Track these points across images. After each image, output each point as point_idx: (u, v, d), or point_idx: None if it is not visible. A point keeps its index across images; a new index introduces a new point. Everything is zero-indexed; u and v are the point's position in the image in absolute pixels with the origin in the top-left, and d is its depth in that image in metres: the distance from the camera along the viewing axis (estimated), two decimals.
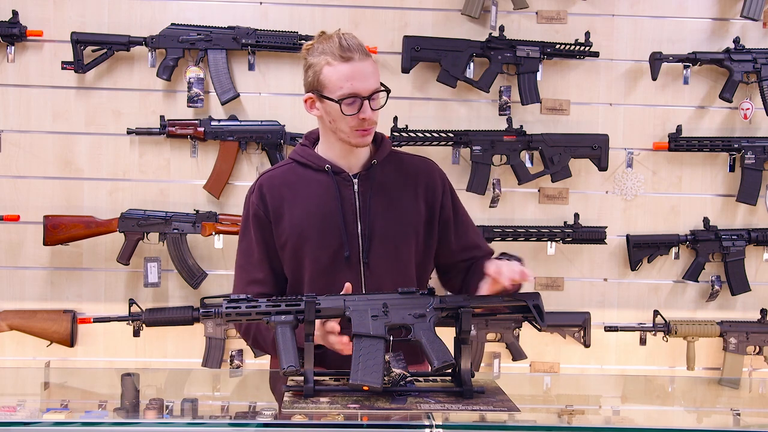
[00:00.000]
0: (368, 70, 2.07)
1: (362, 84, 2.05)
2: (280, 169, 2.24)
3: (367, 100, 2.06)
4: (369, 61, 2.08)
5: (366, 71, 2.06)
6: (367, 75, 2.06)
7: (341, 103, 2.06)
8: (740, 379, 3.36)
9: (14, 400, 2.17)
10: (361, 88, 2.05)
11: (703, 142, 3.46)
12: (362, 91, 2.06)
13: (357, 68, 2.05)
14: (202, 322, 3.38)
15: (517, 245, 3.47)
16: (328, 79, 2.06)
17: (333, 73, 2.06)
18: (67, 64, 3.31)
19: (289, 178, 2.19)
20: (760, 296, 3.55)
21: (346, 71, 2.05)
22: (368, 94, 2.06)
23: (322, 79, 2.07)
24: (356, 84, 2.05)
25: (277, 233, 2.18)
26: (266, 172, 2.25)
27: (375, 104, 2.09)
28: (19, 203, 3.39)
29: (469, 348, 2.00)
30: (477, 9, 3.38)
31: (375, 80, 2.08)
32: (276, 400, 2.00)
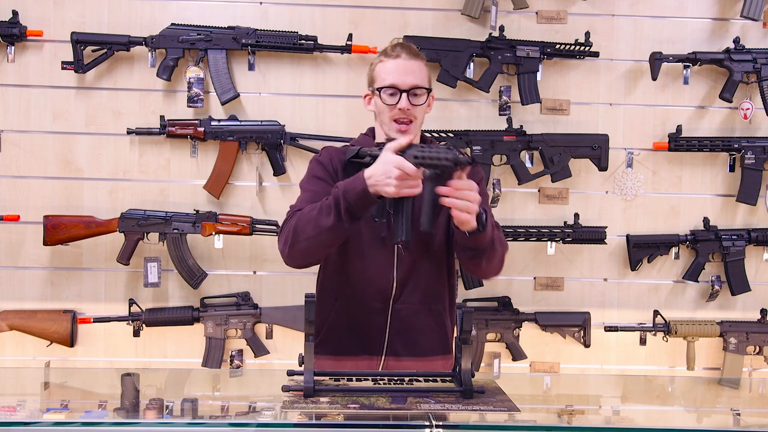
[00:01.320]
0: (411, 67, 2.29)
1: (402, 78, 2.27)
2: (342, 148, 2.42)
3: (406, 93, 2.26)
4: (416, 62, 2.30)
5: (408, 68, 2.28)
6: (408, 71, 2.28)
7: (381, 91, 2.28)
8: (740, 379, 3.36)
9: (14, 400, 2.17)
10: (400, 81, 2.27)
11: (703, 142, 3.46)
12: (401, 84, 2.27)
13: (400, 64, 2.28)
14: (202, 321, 3.38)
15: (517, 245, 3.47)
16: (378, 73, 2.32)
17: (381, 67, 2.31)
18: (67, 64, 3.31)
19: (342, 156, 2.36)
20: (760, 296, 3.55)
21: (391, 66, 2.29)
22: (407, 87, 2.27)
23: (374, 73, 2.34)
24: (397, 77, 2.27)
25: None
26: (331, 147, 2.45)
27: (414, 100, 2.28)
28: (19, 203, 3.39)
29: (469, 348, 2.00)
30: (477, 9, 3.38)
31: (416, 77, 2.28)
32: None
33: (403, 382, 2.07)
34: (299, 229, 2.16)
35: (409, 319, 2.32)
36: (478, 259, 2.22)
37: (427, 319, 2.35)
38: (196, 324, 3.40)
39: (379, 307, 2.31)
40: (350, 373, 2.12)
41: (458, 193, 2.05)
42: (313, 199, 2.22)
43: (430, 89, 2.33)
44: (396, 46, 2.32)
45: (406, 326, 2.32)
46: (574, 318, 3.48)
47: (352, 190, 2.10)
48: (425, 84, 2.31)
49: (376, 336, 2.32)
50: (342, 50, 3.36)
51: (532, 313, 3.47)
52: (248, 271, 3.46)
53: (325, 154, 2.39)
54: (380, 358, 2.32)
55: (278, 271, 3.44)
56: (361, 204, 2.10)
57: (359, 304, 2.31)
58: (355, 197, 2.09)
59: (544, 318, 3.47)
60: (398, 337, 2.32)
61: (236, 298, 3.42)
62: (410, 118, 2.28)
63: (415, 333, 2.33)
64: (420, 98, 2.29)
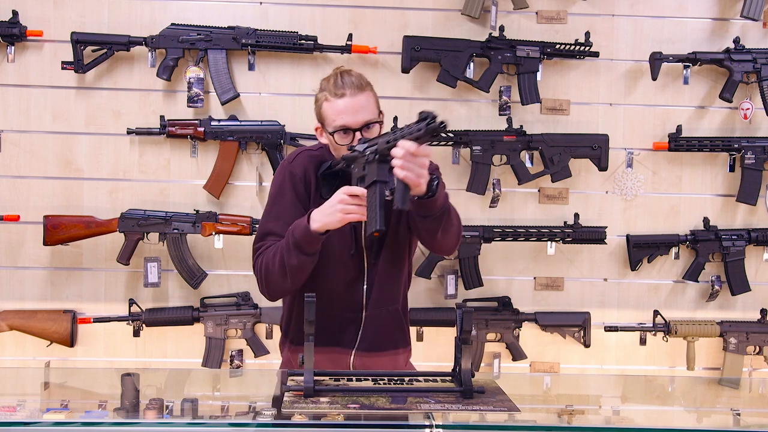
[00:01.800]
0: (359, 104, 2.28)
1: (352, 117, 2.27)
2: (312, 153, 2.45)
3: (359, 131, 2.27)
4: (362, 95, 2.29)
5: (357, 105, 2.27)
6: (358, 109, 2.28)
7: (334, 134, 2.29)
8: (740, 379, 3.36)
9: (14, 400, 2.17)
10: (351, 122, 2.27)
11: (703, 142, 3.46)
12: (352, 124, 2.27)
13: (348, 103, 2.27)
14: (202, 321, 3.38)
15: (517, 245, 3.48)
16: (326, 114, 2.32)
17: (328, 107, 2.31)
18: (67, 64, 3.31)
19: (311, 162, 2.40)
20: (760, 296, 3.55)
21: (339, 106, 2.28)
22: (359, 126, 2.27)
23: (322, 113, 2.34)
24: (347, 118, 2.27)
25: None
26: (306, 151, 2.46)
27: (367, 133, 2.28)
28: (19, 203, 3.39)
29: (469, 348, 2.00)
30: (477, 9, 3.38)
31: (367, 112, 2.29)
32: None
33: (403, 382, 2.07)
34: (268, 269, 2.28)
35: (378, 322, 2.40)
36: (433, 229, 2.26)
37: (392, 319, 2.43)
38: (196, 324, 3.40)
39: (351, 317, 2.39)
40: (350, 373, 2.13)
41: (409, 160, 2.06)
42: (278, 221, 2.33)
43: (380, 120, 2.33)
44: (336, 84, 2.28)
45: (375, 329, 2.40)
46: (574, 318, 3.48)
47: (298, 228, 2.22)
48: (375, 115, 2.31)
49: (348, 339, 2.40)
50: (342, 50, 3.36)
51: (532, 313, 3.47)
52: (248, 271, 3.46)
53: (299, 164, 2.40)
54: (351, 352, 2.40)
55: None
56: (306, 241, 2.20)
57: (332, 314, 2.34)
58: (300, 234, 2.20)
59: (544, 318, 3.47)
60: (368, 338, 2.40)
61: (236, 298, 3.42)
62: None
63: (382, 333, 2.42)
64: (372, 131, 2.30)
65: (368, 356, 2.40)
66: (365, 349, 2.40)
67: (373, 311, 2.39)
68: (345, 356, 2.40)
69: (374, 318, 2.39)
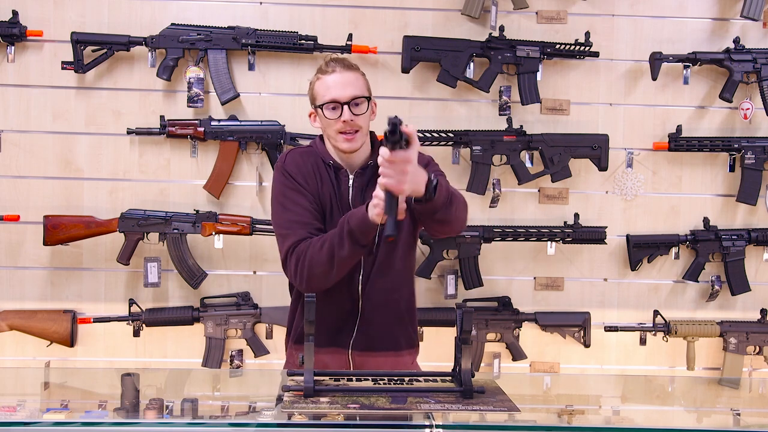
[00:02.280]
0: (348, 80, 2.35)
1: (341, 91, 2.34)
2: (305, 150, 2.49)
3: (347, 105, 2.32)
4: (351, 73, 2.37)
5: (345, 81, 2.35)
6: (346, 84, 2.35)
7: (323, 108, 2.35)
8: (740, 379, 3.36)
9: (14, 400, 2.17)
10: (339, 95, 2.34)
11: (703, 142, 3.46)
12: (341, 97, 2.33)
13: (337, 78, 2.35)
14: (202, 321, 3.38)
15: (517, 245, 3.48)
16: (317, 91, 2.39)
17: (320, 84, 2.38)
18: (67, 64, 3.31)
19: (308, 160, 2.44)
20: (760, 296, 3.55)
21: (328, 81, 2.36)
22: (347, 99, 2.33)
23: (314, 92, 2.40)
24: (335, 91, 2.34)
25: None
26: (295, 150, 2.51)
27: (356, 110, 2.34)
28: (19, 203, 3.39)
29: (469, 348, 2.00)
30: (477, 9, 3.38)
31: (355, 88, 2.35)
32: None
33: (403, 382, 2.07)
34: (313, 262, 2.27)
35: (376, 317, 2.40)
36: (443, 220, 2.28)
37: (393, 315, 2.43)
38: (196, 324, 3.40)
39: (348, 308, 2.39)
40: (350, 373, 2.13)
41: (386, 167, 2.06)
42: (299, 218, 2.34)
43: (369, 97, 2.39)
44: (330, 62, 2.39)
45: (373, 324, 2.40)
46: (574, 318, 3.48)
47: (355, 218, 2.21)
48: (364, 93, 2.37)
49: (344, 335, 2.40)
50: (342, 50, 3.36)
51: (532, 313, 3.48)
52: (248, 271, 3.46)
53: (292, 162, 2.42)
54: (347, 351, 2.40)
55: (278, 271, 3.39)
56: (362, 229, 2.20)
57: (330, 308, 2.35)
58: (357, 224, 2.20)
59: (544, 318, 3.47)
60: (365, 335, 2.40)
61: (236, 298, 3.42)
62: (354, 128, 2.35)
63: (382, 330, 2.41)
64: (361, 107, 2.35)
65: (366, 355, 2.39)
66: (363, 348, 2.39)
67: (370, 303, 2.38)
68: (343, 356, 2.40)
69: (372, 312, 2.38)
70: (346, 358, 2.40)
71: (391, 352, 2.43)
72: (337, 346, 2.40)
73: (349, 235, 2.20)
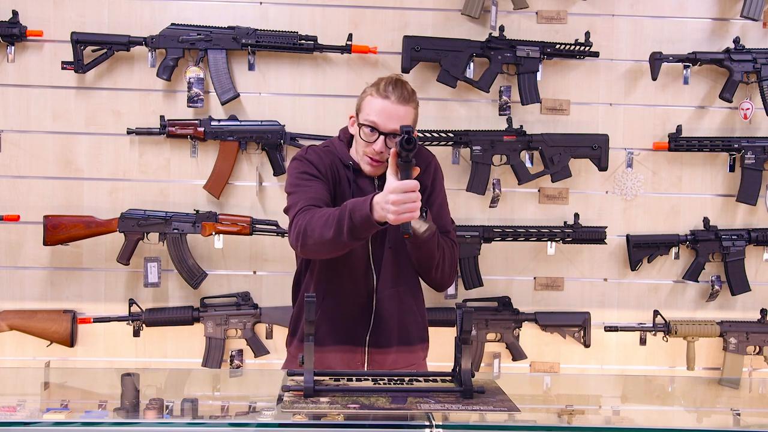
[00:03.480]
0: (397, 113, 2.31)
1: (384, 121, 2.31)
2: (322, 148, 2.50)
3: (385, 136, 2.31)
4: (403, 107, 2.32)
5: (394, 113, 2.30)
6: (393, 116, 2.30)
7: (362, 127, 2.34)
8: (740, 379, 3.36)
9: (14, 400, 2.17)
10: (381, 124, 2.31)
11: (703, 142, 3.46)
12: (381, 126, 2.31)
13: (388, 107, 2.31)
14: (202, 321, 3.38)
15: (517, 245, 3.47)
16: (364, 106, 2.37)
17: (369, 102, 2.35)
18: (67, 64, 3.31)
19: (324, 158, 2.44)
20: (760, 296, 3.55)
21: (378, 106, 2.32)
22: (386, 131, 2.31)
23: (362, 104, 2.38)
24: (381, 119, 2.31)
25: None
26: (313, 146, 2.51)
27: (391, 143, 2.31)
28: (19, 203, 3.39)
29: (469, 348, 2.00)
30: (477, 9, 3.38)
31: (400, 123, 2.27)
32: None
33: (403, 382, 2.07)
34: (308, 232, 2.24)
35: (391, 309, 2.42)
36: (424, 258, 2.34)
37: (408, 309, 2.45)
38: (196, 324, 3.40)
39: (364, 302, 2.41)
40: (350, 373, 2.13)
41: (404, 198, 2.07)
42: (313, 193, 2.32)
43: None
44: (389, 84, 2.33)
45: (389, 317, 2.42)
46: (574, 318, 3.48)
47: (359, 212, 2.15)
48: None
49: (361, 329, 2.41)
50: (342, 50, 3.36)
51: (532, 313, 3.48)
52: (248, 271, 3.46)
53: (313, 153, 2.43)
54: (364, 349, 2.42)
55: (278, 271, 3.44)
56: (365, 227, 2.16)
57: (345, 300, 2.39)
58: (360, 219, 2.15)
59: (544, 318, 3.47)
60: (382, 328, 2.42)
61: (236, 298, 3.42)
62: (381, 159, 2.35)
63: (397, 323, 2.44)
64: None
65: (382, 352, 2.40)
66: (378, 345, 2.41)
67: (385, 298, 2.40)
68: (357, 353, 2.41)
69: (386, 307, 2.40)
70: (362, 355, 2.41)
71: (405, 347, 2.45)
72: (352, 344, 2.41)
73: (350, 229, 2.16)
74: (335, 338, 2.40)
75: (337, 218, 2.17)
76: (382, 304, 2.41)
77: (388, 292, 2.41)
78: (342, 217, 2.17)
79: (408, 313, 2.47)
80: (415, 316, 2.49)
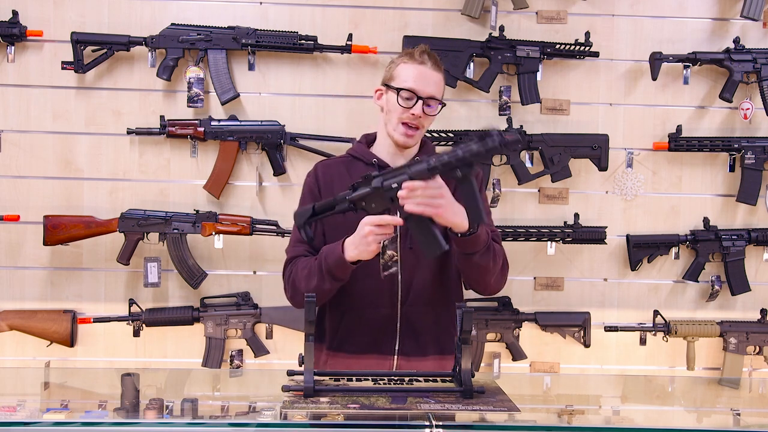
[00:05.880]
0: (434, 78, 2.33)
1: (423, 86, 2.31)
2: (335, 160, 2.52)
3: (423, 101, 2.30)
4: (438, 74, 2.35)
5: (431, 78, 2.32)
6: (430, 81, 2.32)
7: (400, 92, 2.30)
8: (740, 379, 3.36)
9: (14, 400, 2.17)
10: (420, 88, 2.30)
11: (703, 142, 3.46)
12: (421, 91, 2.30)
13: (424, 72, 2.32)
14: (202, 321, 3.38)
15: (517, 245, 3.47)
16: (398, 73, 2.34)
17: (404, 69, 2.33)
18: (67, 64, 3.31)
19: (342, 169, 2.43)
20: (760, 296, 3.55)
21: (416, 71, 2.32)
22: (426, 96, 2.31)
23: (395, 72, 2.35)
24: (418, 83, 2.31)
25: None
26: (323, 161, 2.56)
27: (428, 110, 2.32)
28: (19, 203, 3.39)
29: (469, 348, 2.00)
30: (477, 9, 3.38)
31: (436, 89, 2.33)
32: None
33: (403, 382, 2.07)
34: (296, 284, 2.32)
35: (417, 319, 2.36)
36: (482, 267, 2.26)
37: (435, 318, 2.38)
38: (196, 324, 3.40)
39: (388, 312, 2.35)
40: (350, 373, 2.13)
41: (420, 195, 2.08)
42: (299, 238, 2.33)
43: (444, 103, 2.37)
44: (423, 52, 2.35)
45: (414, 327, 2.36)
46: (574, 318, 3.48)
47: (332, 256, 2.22)
48: (440, 97, 2.35)
49: (388, 339, 2.36)
50: (342, 50, 3.36)
51: (532, 313, 3.47)
52: (248, 271, 3.46)
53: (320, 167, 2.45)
54: (393, 358, 2.36)
55: (278, 271, 3.39)
56: (339, 269, 2.21)
57: (369, 312, 2.34)
58: (333, 263, 2.21)
59: (544, 318, 3.47)
60: (408, 338, 2.36)
61: (236, 298, 3.42)
62: (419, 125, 2.33)
63: (424, 333, 2.37)
64: (433, 109, 2.34)
65: (411, 361, 2.35)
66: (407, 353, 2.35)
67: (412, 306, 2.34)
68: (387, 362, 2.36)
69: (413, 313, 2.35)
70: (391, 362, 2.36)
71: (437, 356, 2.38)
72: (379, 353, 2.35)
73: (329, 273, 2.23)
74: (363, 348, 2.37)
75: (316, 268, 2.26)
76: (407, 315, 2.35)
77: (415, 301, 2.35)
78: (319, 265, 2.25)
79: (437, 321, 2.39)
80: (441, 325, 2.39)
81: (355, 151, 2.44)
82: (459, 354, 2.00)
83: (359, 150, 2.44)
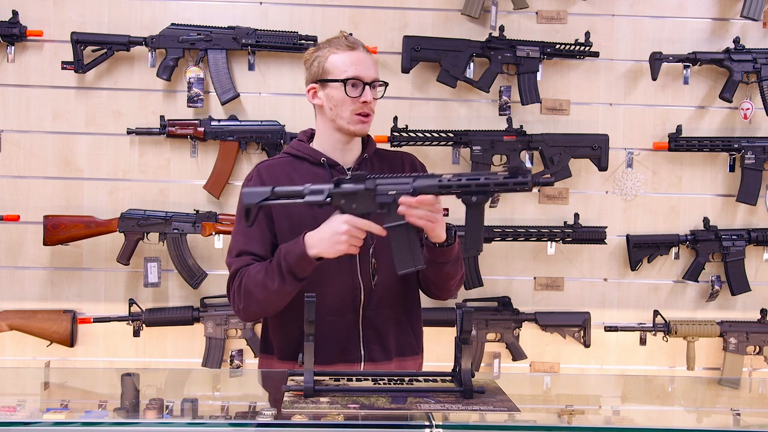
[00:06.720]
0: (370, 61, 2.29)
1: (365, 70, 2.26)
2: (277, 160, 2.39)
3: (369, 86, 2.26)
4: (370, 56, 2.31)
5: (368, 61, 2.28)
6: (369, 65, 2.28)
7: (346, 83, 2.24)
8: (740, 379, 3.36)
9: (14, 400, 2.17)
10: (364, 74, 2.26)
11: (703, 142, 3.46)
12: (365, 76, 2.26)
13: (361, 57, 2.27)
14: (202, 321, 3.38)
15: (517, 245, 3.48)
16: (334, 65, 2.26)
17: (339, 58, 2.26)
18: (67, 64, 3.31)
19: (286, 169, 2.33)
20: (760, 296, 3.55)
21: (352, 57, 2.26)
22: (370, 80, 2.26)
23: (328, 65, 2.27)
24: (360, 69, 2.25)
25: (275, 216, 2.29)
26: (264, 162, 2.42)
27: (375, 93, 2.28)
28: (19, 203, 3.39)
29: (469, 348, 2.00)
30: (477, 9, 3.38)
31: (375, 71, 2.30)
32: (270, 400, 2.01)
33: (403, 382, 2.07)
34: (249, 293, 2.20)
35: (380, 323, 2.32)
36: (449, 274, 2.26)
37: (396, 321, 2.35)
38: (196, 324, 3.40)
39: (352, 318, 2.30)
40: (350, 373, 2.12)
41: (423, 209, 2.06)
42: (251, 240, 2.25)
43: (386, 83, 2.32)
44: (348, 39, 2.28)
45: (378, 331, 2.32)
46: (574, 318, 3.48)
47: (292, 253, 2.13)
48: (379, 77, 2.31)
49: (352, 346, 2.31)
50: None
51: (532, 313, 3.48)
52: None
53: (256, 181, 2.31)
54: (359, 365, 2.31)
55: None
56: (301, 267, 2.14)
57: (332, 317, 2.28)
58: (294, 260, 2.13)
59: (544, 318, 3.47)
60: (372, 343, 2.32)
61: None
62: (370, 111, 2.29)
63: (387, 336, 2.34)
64: (378, 91, 2.30)
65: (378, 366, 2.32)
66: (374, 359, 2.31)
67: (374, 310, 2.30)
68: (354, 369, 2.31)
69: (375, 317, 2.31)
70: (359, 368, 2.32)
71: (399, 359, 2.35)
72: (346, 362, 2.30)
73: (289, 272, 2.13)
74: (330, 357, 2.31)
75: (275, 269, 2.15)
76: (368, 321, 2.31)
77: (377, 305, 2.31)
78: (278, 266, 2.15)
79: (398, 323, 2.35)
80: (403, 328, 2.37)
81: (299, 150, 2.34)
82: (459, 354, 2.00)
83: (303, 149, 2.34)
